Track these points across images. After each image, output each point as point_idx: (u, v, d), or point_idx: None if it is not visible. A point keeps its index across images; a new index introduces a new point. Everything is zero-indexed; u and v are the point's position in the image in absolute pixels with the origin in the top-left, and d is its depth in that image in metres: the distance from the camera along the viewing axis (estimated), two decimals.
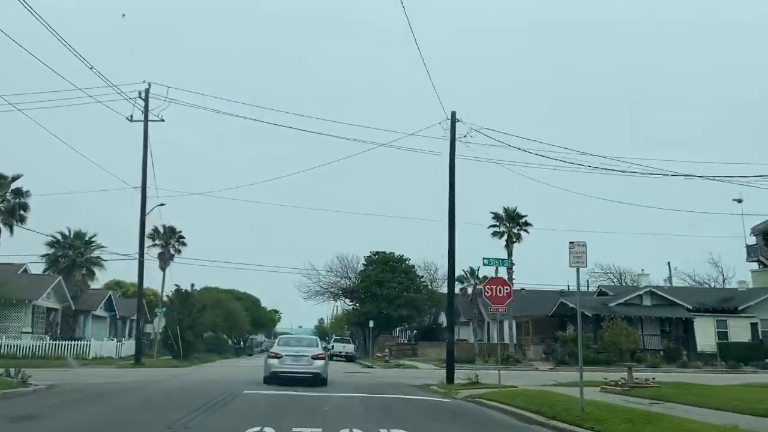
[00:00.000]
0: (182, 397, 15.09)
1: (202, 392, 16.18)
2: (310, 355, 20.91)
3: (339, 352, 54.23)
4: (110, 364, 35.92)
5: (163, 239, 66.15)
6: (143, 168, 36.41)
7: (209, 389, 16.99)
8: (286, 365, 20.48)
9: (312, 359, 20.73)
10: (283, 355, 20.79)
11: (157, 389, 18.02)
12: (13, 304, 39.82)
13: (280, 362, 20.55)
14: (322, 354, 21.63)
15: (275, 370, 20.42)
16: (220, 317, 60.92)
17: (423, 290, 55.82)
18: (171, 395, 15.97)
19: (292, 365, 20.52)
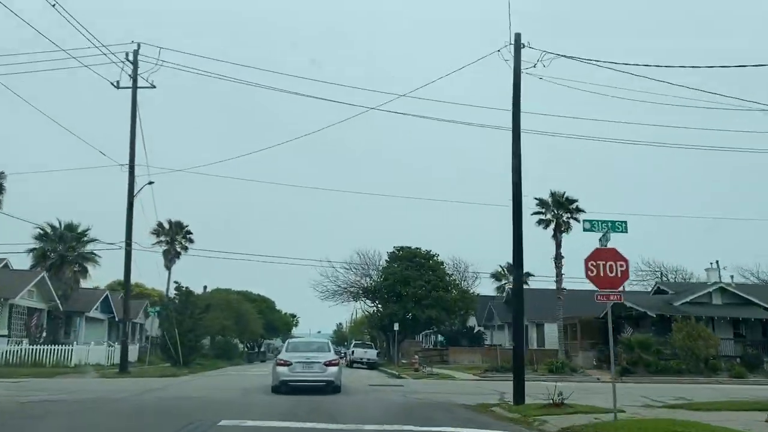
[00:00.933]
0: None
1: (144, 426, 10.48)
2: (322, 361, 19.02)
3: (360, 358, 48.42)
4: (88, 372, 30.46)
5: (168, 235, 61.23)
6: (131, 142, 31.06)
7: (166, 417, 11.27)
8: (297, 373, 18.61)
9: (325, 366, 18.88)
10: (293, 362, 18.82)
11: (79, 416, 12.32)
12: None
13: (289, 370, 18.62)
14: (335, 360, 19.78)
15: (284, 379, 18.50)
16: (230, 320, 55.46)
17: (453, 290, 49.81)
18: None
19: (303, 373, 18.66)
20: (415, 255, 50.48)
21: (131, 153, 30.99)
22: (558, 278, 37.80)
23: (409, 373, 35.54)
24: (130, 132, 30.95)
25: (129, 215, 30.82)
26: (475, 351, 49.95)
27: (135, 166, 30.99)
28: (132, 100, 31.03)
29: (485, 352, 49.99)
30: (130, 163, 30.88)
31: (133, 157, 31.00)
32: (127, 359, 30.27)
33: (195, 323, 40.19)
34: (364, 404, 15.00)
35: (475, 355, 49.41)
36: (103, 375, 29.00)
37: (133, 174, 30.90)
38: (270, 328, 76.27)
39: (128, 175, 30.79)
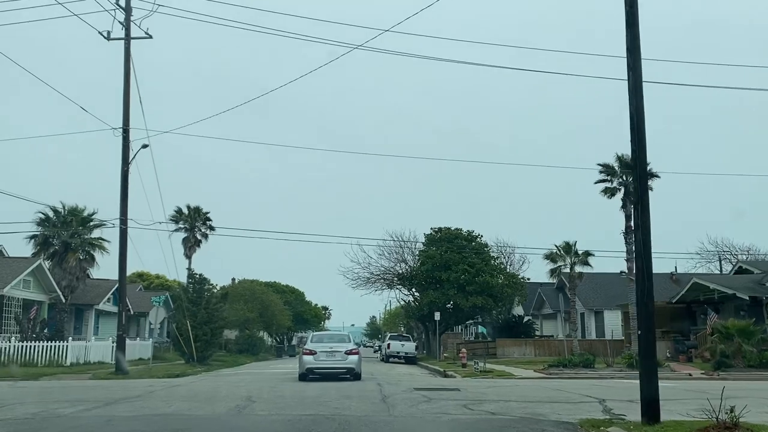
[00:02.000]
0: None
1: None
2: (343, 350, 21.35)
3: (397, 352, 43.35)
4: (83, 372, 26.00)
5: (187, 222, 56.91)
6: (124, 101, 26.36)
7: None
8: (321, 361, 20.95)
9: (346, 354, 21.24)
10: (318, 351, 21.16)
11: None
12: None
13: (314, 358, 20.99)
14: (355, 349, 22.10)
15: (310, 367, 20.91)
16: (254, 311, 50.95)
17: (500, 274, 44.33)
18: None
19: (327, 361, 20.97)
20: (455, 236, 45.15)
21: (125, 114, 26.30)
22: (630, 256, 32.09)
23: (456, 369, 30.34)
24: (124, 90, 26.26)
25: (124, 187, 26.14)
26: (525, 343, 44.48)
27: (130, 130, 26.33)
28: (125, 52, 26.32)
29: (537, 344, 44.52)
30: (124, 126, 26.20)
31: (128, 118, 26.32)
32: (124, 357, 25.65)
33: (211, 314, 35.64)
34: (419, 429, 9.83)
35: (526, 347, 43.96)
36: (95, 376, 24.47)
37: (128, 139, 26.21)
38: (299, 320, 71.74)
39: (122, 139, 26.11)
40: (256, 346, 50.69)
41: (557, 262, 38.85)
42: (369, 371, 29.59)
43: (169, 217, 56.14)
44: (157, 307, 29.46)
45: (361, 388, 16.25)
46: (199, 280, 36.38)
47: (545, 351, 43.40)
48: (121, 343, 25.59)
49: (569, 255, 38.63)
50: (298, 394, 14.35)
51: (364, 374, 22.64)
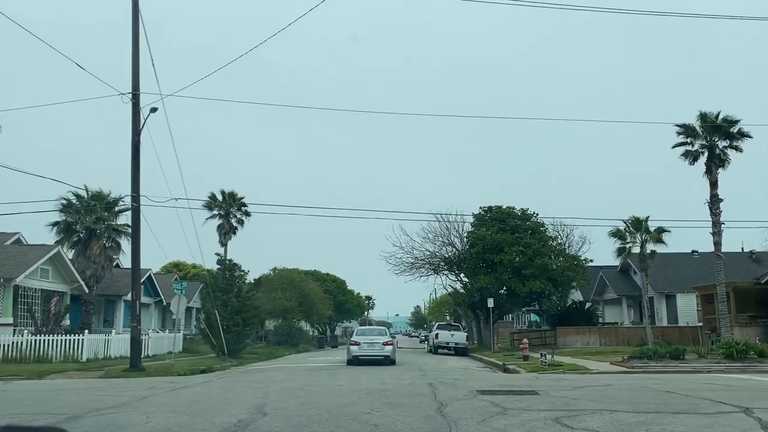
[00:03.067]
0: None
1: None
2: (381, 342, 26.79)
3: (446, 343, 39.67)
4: (98, 369, 23.14)
5: (222, 208, 54.26)
6: (133, 62, 23.24)
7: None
8: (364, 350, 26.44)
9: (383, 345, 26.59)
10: (361, 342, 26.81)
11: None
12: None
13: (359, 348, 26.55)
14: (390, 341, 27.33)
15: (355, 355, 26.37)
16: (293, 300, 47.93)
17: (560, 256, 40.09)
18: None
19: (368, 350, 26.45)
20: (508, 215, 41.10)
21: (134, 77, 23.18)
22: (716, 230, 27.65)
23: (518, 362, 26.54)
24: (132, 49, 23.15)
25: (135, 160, 23.08)
26: (588, 331, 40.26)
27: (140, 95, 23.23)
28: (132, 3, 23.20)
29: (603, 332, 40.24)
30: (134, 90, 23.10)
31: (137, 81, 23.19)
32: (139, 352, 22.69)
33: (243, 303, 32.61)
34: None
35: (590, 335, 39.76)
36: (107, 374, 21.55)
37: (138, 105, 23.09)
38: (341, 309, 68.70)
39: (131, 106, 23.02)
40: (295, 337, 47.69)
41: (626, 240, 34.49)
42: (417, 365, 26.01)
43: (202, 204, 54.02)
44: (178, 295, 26.44)
45: (409, 391, 12.67)
46: (230, 266, 33.39)
47: (611, 340, 39.15)
48: (135, 336, 22.57)
49: (639, 232, 34.25)
50: (329, 402, 10.87)
51: (412, 369, 20.44)
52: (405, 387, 13.64)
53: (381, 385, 13.90)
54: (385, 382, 14.73)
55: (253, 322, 34.57)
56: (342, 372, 19.60)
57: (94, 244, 36.40)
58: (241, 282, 33.48)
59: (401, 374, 18.43)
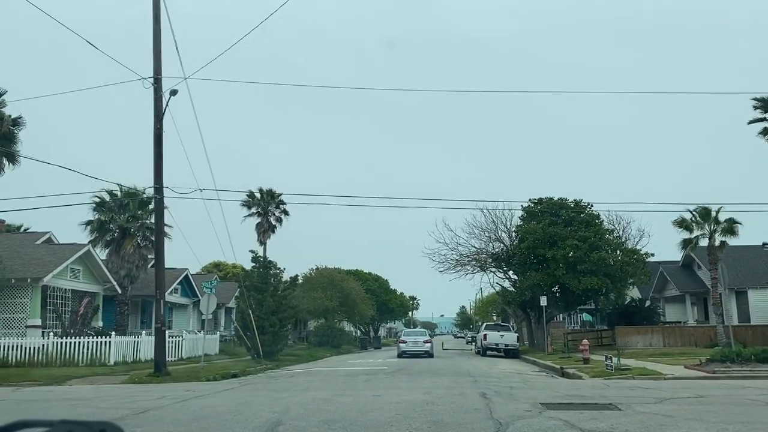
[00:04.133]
0: None
1: None
2: (422, 341, 36.31)
3: (495, 344, 37.22)
4: (124, 373, 21.65)
5: (260, 206, 52.93)
6: (155, 44, 21.66)
7: None
8: (409, 347, 35.65)
9: (423, 343, 35.91)
10: (407, 341, 36.43)
11: None
12: (10, 286, 26.91)
13: (405, 345, 35.98)
14: (429, 340, 36.84)
15: (403, 350, 35.67)
16: (334, 300, 46.12)
17: (617, 250, 37.15)
18: None
19: (413, 347, 35.58)
20: (560, 207, 38.37)
21: (156, 60, 21.59)
22: None
23: (578, 365, 24.02)
24: (153, 28, 21.57)
25: (157, 149, 21.48)
26: (651, 331, 37.16)
27: (162, 79, 21.62)
28: None
29: (666, 332, 37.11)
30: (155, 74, 21.51)
31: (159, 65, 21.60)
32: (164, 355, 21.06)
33: (279, 303, 30.87)
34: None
35: (652, 336, 36.67)
36: (130, 379, 19.98)
37: (160, 90, 21.48)
38: (384, 309, 66.67)
39: (153, 91, 21.43)
40: (336, 338, 45.86)
41: (693, 231, 31.47)
42: (465, 369, 23.74)
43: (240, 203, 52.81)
44: (208, 294, 24.79)
45: (458, 405, 10.49)
46: (265, 263, 31.70)
47: (676, 340, 36.04)
48: (159, 338, 20.94)
49: (708, 222, 31.21)
50: (359, 419, 8.78)
51: (459, 374, 18.57)
52: (453, 398, 11.46)
53: (425, 396, 11.75)
54: (429, 392, 12.57)
55: (289, 322, 32.82)
56: (381, 378, 17.52)
57: (127, 243, 35.25)
58: (277, 280, 31.77)
59: (448, 381, 16.23)
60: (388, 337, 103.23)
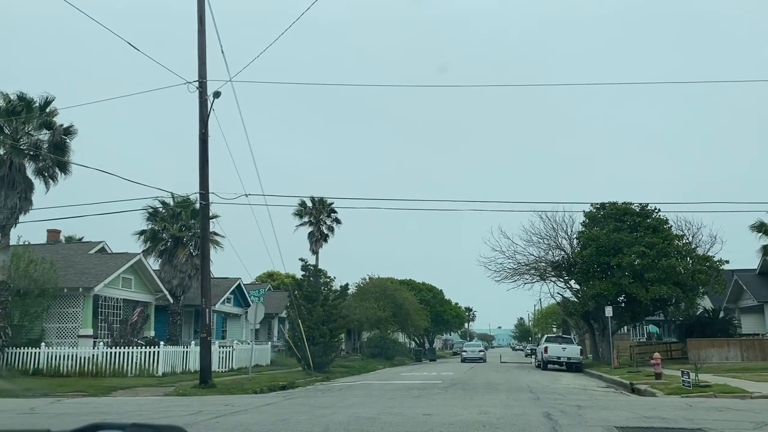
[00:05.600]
0: None
1: None
2: (478, 350, 53.66)
3: (557, 357, 35.37)
4: (170, 384, 21.11)
5: (312, 215, 52.47)
6: (199, 47, 21.19)
7: None
8: (469, 354, 51.95)
9: (479, 351, 52.83)
10: (467, 350, 53.91)
11: None
12: (62, 295, 26.95)
13: (466, 354, 52.40)
14: (482, 349, 55.19)
15: (465, 357, 51.86)
16: (386, 311, 45.05)
17: (688, 257, 34.74)
18: None
19: (471, 354, 51.87)
20: (625, 212, 36.26)
21: (200, 63, 21.12)
22: None
23: (646, 380, 22.18)
24: (198, 28, 21.11)
25: (203, 154, 20.93)
26: (725, 343, 34.54)
27: (207, 83, 21.12)
28: None
29: (745, 344, 34.43)
30: (200, 78, 21.02)
31: (204, 68, 21.11)
32: (209, 366, 20.35)
33: (329, 312, 29.99)
34: None
35: (728, 349, 34.07)
36: (176, 391, 19.37)
37: (205, 93, 20.98)
38: (439, 321, 65.14)
39: (198, 95, 20.94)
40: (389, 349, 44.71)
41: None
42: (524, 384, 22.19)
43: (292, 212, 52.48)
44: (255, 302, 24.16)
45: (519, 427, 9.20)
46: (314, 272, 30.92)
47: (756, 354, 33.38)
48: (205, 348, 20.25)
49: None
50: None
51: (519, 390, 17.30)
52: (513, 419, 10.14)
53: (481, 416, 10.47)
54: (486, 411, 11.27)
55: (340, 332, 31.90)
56: (434, 394, 16.25)
57: (179, 252, 35.15)
58: (328, 289, 30.91)
59: (507, 398, 14.85)
60: (444, 348, 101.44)
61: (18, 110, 24.60)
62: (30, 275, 25.85)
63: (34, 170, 26.03)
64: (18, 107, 24.65)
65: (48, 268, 26.28)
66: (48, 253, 29.14)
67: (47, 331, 27.04)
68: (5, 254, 24.52)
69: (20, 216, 24.93)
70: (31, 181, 26.16)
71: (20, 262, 25.84)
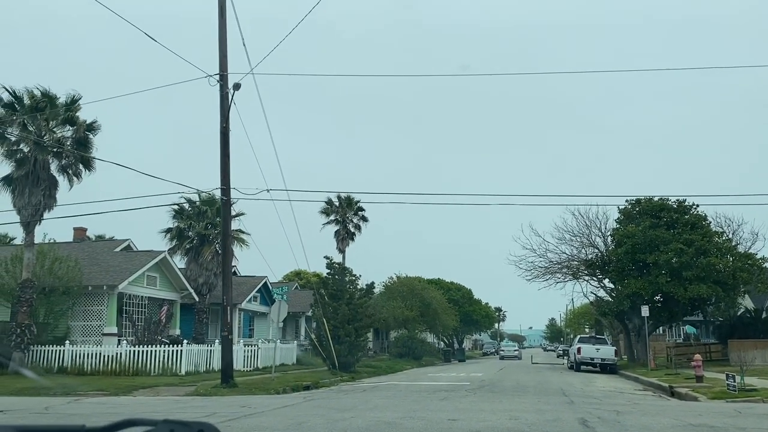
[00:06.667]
0: None
1: None
2: (513, 349, 67.44)
3: (590, 358, 34.25)
4: (192, 383, 20.69)
5: (338, 213, 51.97)
6: (220, 39, 20.73)
7: None
8: (506, 353, 65.27)
9: (514, 350, 66.41)
10: (505, 349, 68.75)
11: None
12: (87, 293, 26.80)
13: (503, 352, 66.54)
14: (517, 349, 70.17)
15: (502, 355, 65.52)
16: (414, 310, 44.30)
17: (728, 254, 33.27)
18: None
19: (508, 353, 65.11)
20: (661, 208, 34.91)
21: (221, 56, 20.64)
22: None
23: (687, 383, 21.10)
24: (219, 21, 20.65)
25: (224, 149, 20.46)
26: None
27: (228, 76, 20.65)
28: None
29: None
30: (221, 71, 20.55)
31: (225, 61, 20.64)
32: (231, 365, 19.86)
33: (354, 311, 29.37)
34: None
35: None
36: (197, 391, 18.91)
37: (226, 86, 20.51)
38: (468, 321, 64.13)
39: (219, 88, 20.48)
40: (417, 349, 43.93)
41: None
42: (557, 386, 21.27)
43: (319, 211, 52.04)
44: (279, 300, 23.65)
45: None
46: (340, 269, 30.33)
47: None
48: (226, 346, 19.78)
49: None
50: None
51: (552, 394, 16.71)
52: (546, 426, 9.35)
53: (511, 422, 9.70)
54: (516, 416, 10.49)
55: (366, 331, 31.26)
56: (461, 396, 15.46)
57: (205, 251, 34.87)
58: (353, 288, 30.30)
59: (539, 402, 14.00)
60: (473, 349, 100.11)
61: (42, 106, 24.46)
62: (55, 273, 25.74)
63: (57, 167, 25.95)
64: (41, 103, 24.51)
65: (73, 266, 26.13)
66: (74, 250, 29.07)
67: (72, 329, 26.92)
68: (30, 252, 24.45)
69: (44, 213, 24.85)
70: (55, 178, 26.09)
71: (45, 260, 25.73)
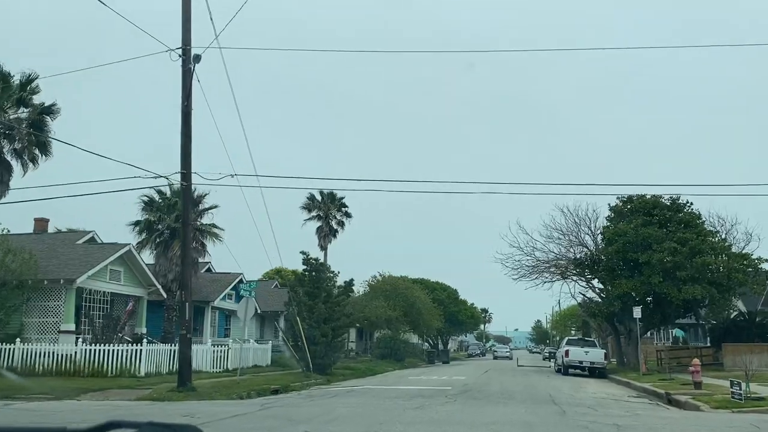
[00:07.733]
0: None
1: None
2: (505, 350, 78.43)
3: (579, 362, 32.76)
4: (150, 386, 18.88)
5: (321, 209, 50.32)
6: (183, 10, 18.98)
7: None
8: (499, 354, 73.65)
9: (506, 351, 76.29)
10: (498, 350, 79.90)
11: None
12: (43, 288, 24.88)
13: (497, 353, 76.04)
14: (509, 350, 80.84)
15: (496, 355, 74.13)
16: (397, 310, 42.64)
17: (723, 254, 31.90)
18: None
19: (500, 354, 73.76)
20: (654, 205, 33.51)
21: (184, 29, 18.90)
22: None
23: (684, 389, 19.63)
24: None
25: (185, 128, 18.69)
26: (765, 349, 31.71)
27: (191, 50, 18.88)
28: None
29: None
30: (184, 45, 18.78)
31: (188, 35, 18.87)
32: (189, 368, 18.07)
33: (332, 310, 27.68)
34: None
35: None
36: (151, 395, 17.09)
37: (189, 62, 18.70)
38: (453, 321, 62.51)
39: (181, 64, 18.71)
40: (399, 351, 42.25)
41: None
42: (545, 392, 19.68)
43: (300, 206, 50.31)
44: (246, 297, 21.92)
45: None
46: (317, 266, 28.60)
47: None
48: (184, 346, 18.00)
49: None
50: None
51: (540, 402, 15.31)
52: None
53: None
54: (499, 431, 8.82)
55: (344, 332, 29.59)
56: (439, 404, 13.75)
57: (176, 245, 32.92)
58: (331, 285, 28.61)
59: (526, 413, 12.37)
60: (459, 350, 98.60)
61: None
62: (7, 265, 23.83)
63: (10, 151, 24.10)
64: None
65: (27, 259, 24.23)
66: (32, 242, 27.12)
67: (26, 325, 24.99)
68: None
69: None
70: (8, 163, 24.27)
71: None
